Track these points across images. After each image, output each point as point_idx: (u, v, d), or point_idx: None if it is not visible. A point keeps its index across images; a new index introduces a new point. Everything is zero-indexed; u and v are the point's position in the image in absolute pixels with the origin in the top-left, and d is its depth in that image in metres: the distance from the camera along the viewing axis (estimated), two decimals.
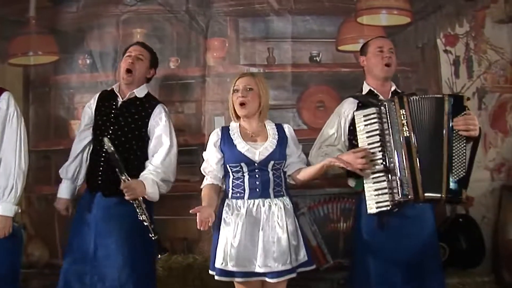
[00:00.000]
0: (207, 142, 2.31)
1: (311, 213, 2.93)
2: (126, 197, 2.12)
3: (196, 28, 2.96)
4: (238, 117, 2.15)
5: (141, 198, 2.19)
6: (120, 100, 2.33)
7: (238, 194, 2.07)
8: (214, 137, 2.17)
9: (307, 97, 2.91)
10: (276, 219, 2.02)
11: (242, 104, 2.06)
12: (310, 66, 2.96)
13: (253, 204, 2.03)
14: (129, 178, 2.17)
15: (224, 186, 2.17)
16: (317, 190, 2.86)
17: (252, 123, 2.16)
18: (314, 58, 2.93)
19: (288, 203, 2.11)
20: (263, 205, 2.03)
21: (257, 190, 2.05)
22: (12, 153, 2.28)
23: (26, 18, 3.02)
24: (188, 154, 2.88)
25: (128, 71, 2.32)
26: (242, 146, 2.07)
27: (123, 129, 2.29)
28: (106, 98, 2.37)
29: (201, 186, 2.18)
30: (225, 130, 2.18)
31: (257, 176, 2.06)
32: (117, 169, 2.16)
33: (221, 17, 2.95)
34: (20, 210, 2.30)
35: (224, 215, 2.09)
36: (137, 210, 2.17)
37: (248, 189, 2.05)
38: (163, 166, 2.28)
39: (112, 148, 2.16)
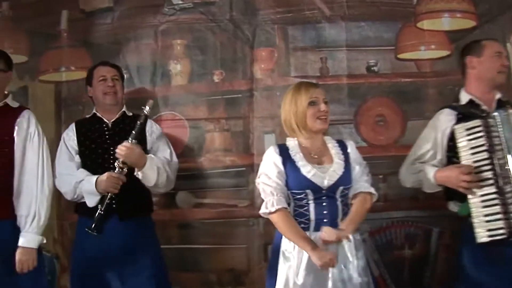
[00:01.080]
0: (257, 162, 2.37)
1: (373, 239, 2.85)
2: (117, 155, 2.30)
3: (242, 38, 2.99)
4: (293, 132, 2.12)
5: (125, 170, 2.36)
6: (107, 121, 2.51)
7: (301, 225, 1.98)
8: (274, 156, 2.09)
9: (365, 111, 2.90)
10: (346, 253, 1.95)
11: (324, 118, 2.01)
12: (368, 77, 2.96)
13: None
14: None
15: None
16: (379, 214, 2.81)
17: (316, 141, 2.12)
18: (372, 68, 2.90)
19: (356, 234, 2.07)
20: None
21: (324, 220, 1.98)
22: (33, 177, 2.32)
23: (58, 31, 3.12)
24: (236, 176, 2.93)
25: (114, 92, 2.52)
26: (307, 169, 1.99)
27: (120, 140, 2.41)
28: (87, 124, 2.56)
29: (272, 209, 2.05)
30: (284, 149, 2.11)
31: (324, 204, 1.99)
32: (133, 132, 2.38)
33: (269, 25, 2.98)
34: (45, 240, 2.37)
35: (283, 247, 2.03)
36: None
37: (314, 219, 1.98)
38: (170, 163, 2.49)
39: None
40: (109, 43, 3.05)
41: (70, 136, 2.51)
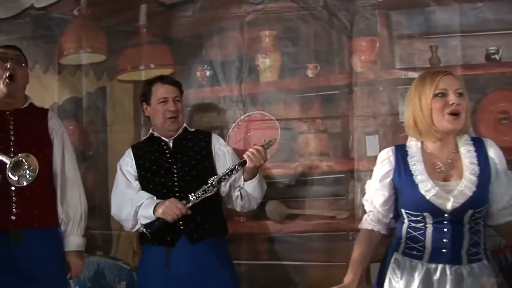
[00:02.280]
0: (358, 168, 2.41)
1: (496, 259, 2.60)
2: (250, 164, 2.35)
3: (338, 26, 2.93)
4: (417, 134, 1.95)
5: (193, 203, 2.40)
6: (167, 140, 2.57)
7: (414, 252, 1.88)
8: (385, 165, 1.99)
9: (485, 107, 2.77)
10: None
11: (455, 114, 1.74)
12: (488, 67, 2.79)
13: (436, 270, 1.79)
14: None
15: (390, 230, 2.07)
16: None
17: (446, 146, 1.90)
18: (492, 56, 2.75)
19: (489, 271, 1.87)
20: (451, 274, 1.77)
21: (444, 250, 1.80)
22: (75, 178, 2.58)
23: (136, 27, 3.24)
24: (334, 184, 2.88)
25: (177, 117, 2.59)
26: (427, 187, 1.80)
27: (190, 163, 2.51)
28: (145, 146, 2.63)
29: (360, 226, 2.10)
30: (402, 154, 1.97)
31: (445, 230, 1.80)
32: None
33: (368, 11, 2.89)
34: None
35: (389, 274, 1.94)
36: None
37: (431, 247, 1.81)
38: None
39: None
40: (191, 37, 3.12)
41: (127, 162, 2.60)
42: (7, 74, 2.38)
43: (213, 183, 2.35)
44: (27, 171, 2.15)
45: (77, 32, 3.37)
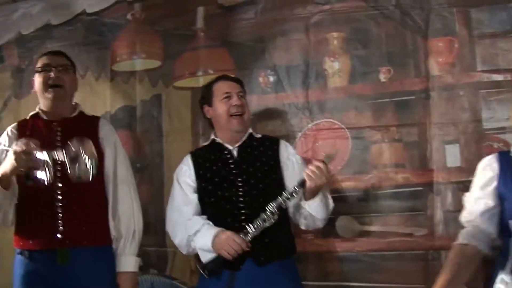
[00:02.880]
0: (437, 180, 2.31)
1: None
2: (310, 183, 2.19)
3: (412, 26, 2.85)
4: None
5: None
6: (231, 147, 2.43)
7: None
8: (487, 171, 1.94)
9: None
10: None
11: None
12: None
13: None
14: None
15: (493, 249, 1.95)
16: None
17: None
18: None
19: None
20: None
21: None
22: (127, 193, 2.50)
23: (194, 30, 3.26)
24: (410, 198, 2.79)
25: (242, 114, 2.45)
26: None
27: (256, 175, 2.38)
28: (206, 154, 2.50)
29: (455, 242, 2.00)
30: (506, 160, 1.92)
31: None
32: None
33: (445, 9, 2.80)
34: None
35: None
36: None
37: None
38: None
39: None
40: (252, 41, 3.10)
41: (185, 172, 2.48)
42: (51, 82, 2.39)
43: (273, 210, 2.22)
44: (87, 162, 2.09)
45: (131, 37, 3.40)
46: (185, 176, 2.47)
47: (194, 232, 2.32)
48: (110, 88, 3.43)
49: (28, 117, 2.49)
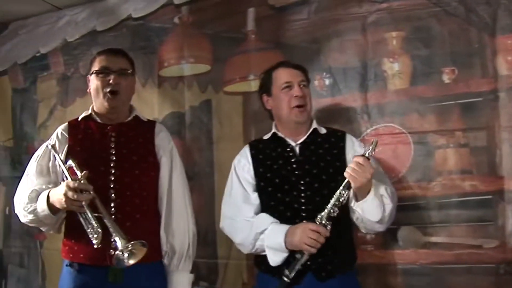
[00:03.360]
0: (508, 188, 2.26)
1: None
2: (355, 184, 2.12)
3: (477, 23, 2.78)
4: None
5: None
6: (292, 143, 2.36)
7: None
8: None
9: None
10: None
11: None
12: None
13: None
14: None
15: None
16: None
17: None
18: None
19: None
20: None
21: None
22: (183, 205, 2.48)
23: (244, 33, 3.27)
24: (479, 207, 2.70)
25: (305, 105, 2.39)
26: None
27: (320, 178, 2.30)
28: (266, 148, 2.42)
29: None
30: None
31: None
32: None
33: None
34: None
35: None
36: None
37: None
38: (392, 191, 2.36)
39: None
40: (306, 42, 3.09)
41: (243, 166, 2.43)
42: (109, 89, 2.37)
43: (323, 221, 2.16)
44: (129, 262, 2.10)
45: (179, 41, 3.43)
46: (243, 171, 2.42)
47: (262, 231, 2.26)
48: (157, 94, 3.46)
49: (80, 118, 2.49)
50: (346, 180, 2.16)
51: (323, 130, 2.44)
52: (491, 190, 2.68)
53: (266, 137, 2.50)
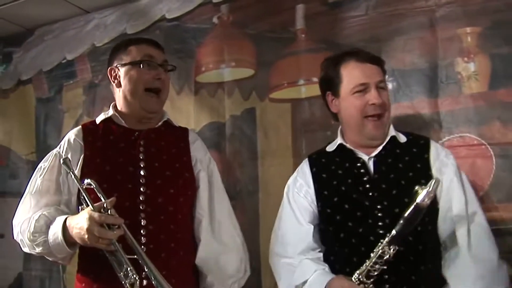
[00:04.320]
0: None
1: None
2: None
3: None
4: None
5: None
6: (366, 156, 1.97)
7: None
8: None
9: None
10: None
11: None
12: None
13: None
14: None
15: None
16: None
17: None
18: None
19: None
20: None
21: None
22: (229, 224, 2.11)
23: (293, 32, 2.96)
24: None
25: (382, 110, 1.97)
26: None
27: (400, 202, 1.85)
28: (329, 162, 2.03)
29: None
30: None
31: None
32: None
33: None
34: None
35: None
36: None
37: None
38: None
39: None
40: (364, 41, 2.73)
41: (300, 187, 2.05)
42: (154, 86, 2.01)
43: (362, 279, 1.79)
44: None
45: (218, 43, 3.15)
46: (300, 194, 2.04)
47: (302, 283, 1.91)
48: (194, 102, 3.17)
49: (98, 121, 2.09)
50: (391, 235, 1.76)
51: (402, 138, 2.02)
52: None
53: (330, 148, 2.09)
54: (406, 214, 1.75)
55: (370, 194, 1.92)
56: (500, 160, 2.45)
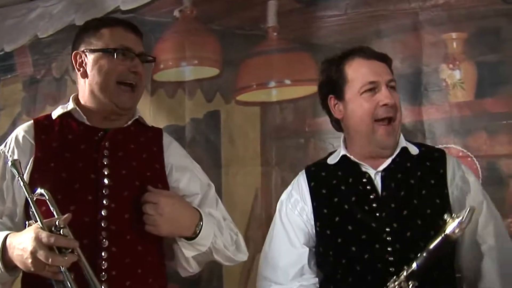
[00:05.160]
0: None
1: None
2: None
3: None
4: None
5: None
6: (372, 171, 1.74)
7: None
8: None
9: None
10: None
11: None
12: None
13: None
14: None
15: None
16: None
17: None
18: None
19: None
20: None
21: None
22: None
23: (264, 29, 2.79)
24: None
25: (394, 112, 1.74)
26: None
27: (415, 224, 1.65)
28: (333, 178, 1.79)
29: None
30: None
31: None
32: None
33: None
34: None
35: None
36: None
37: None
38: None
39: None
40: (342, 43, 2.56)
41: (295, 203, 1.82)
42: (129, 80, 1.71)
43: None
44: None
45: (179, 38, 2.92)
46: (294, 212, 1.80)
47: None
48: (150, 103, 2.92)
49: (54, 116, 1.75)
50: (411, 269, 1.52)
51: (414, 150, 1.78)
52: None
53: (331, 160, 1.84)
54: (431, 246, 1.51)
55: (377, 214, 1.69)
56: (486, 173, 2.35)
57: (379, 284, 1.59)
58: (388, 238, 1.64)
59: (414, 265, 1.51)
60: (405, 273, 1.51)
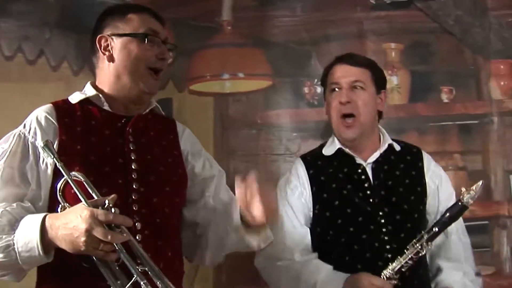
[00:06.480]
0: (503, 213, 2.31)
1: None
2: None
3: (472, 45, 2.81)
4: None
5: None
6: (363, 162, 1.97)
7: None
8: None
9: None
10: None
11: None
12: None
13: None
14: None
15: None
16: None
17: None
18: None
19: None
20: None
21: None
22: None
23: (218, 23, 2.86)
24: (476, 233, 2.53)
25: (352, 109, 2.03)
26: None
27: (402, 209, 1.94)
28: (329, 167, 2.00)
29: None
30: None
31: None
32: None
33: (505, 30, 2.79)
34: None
35: None
36: None
37: None
38: None
39: None
40: (294, 43, 2.80)
41: (294, 188, 1.98)
42: (158, 65, 1.69)
43: (391, 276, 1.82)
44: None
45: None
46: (294, 196, 1.96)
47: (314, 283, 1.85)
48: None
49: (73, 101, 1.69)
50: (433, 231, 1.79)
51: (397, 146, 2.03)
52: (486, 215, 2.67)
53: (327, 152, 2.04)
54: (450, 213, 1.84)
55: (371, 200, 1.92)
56: None
57: (376, 261, 1.85)
58: (382, 221, 1.90)
59: (436, 229, 1.80)
60: (426, 236, 1.80)
